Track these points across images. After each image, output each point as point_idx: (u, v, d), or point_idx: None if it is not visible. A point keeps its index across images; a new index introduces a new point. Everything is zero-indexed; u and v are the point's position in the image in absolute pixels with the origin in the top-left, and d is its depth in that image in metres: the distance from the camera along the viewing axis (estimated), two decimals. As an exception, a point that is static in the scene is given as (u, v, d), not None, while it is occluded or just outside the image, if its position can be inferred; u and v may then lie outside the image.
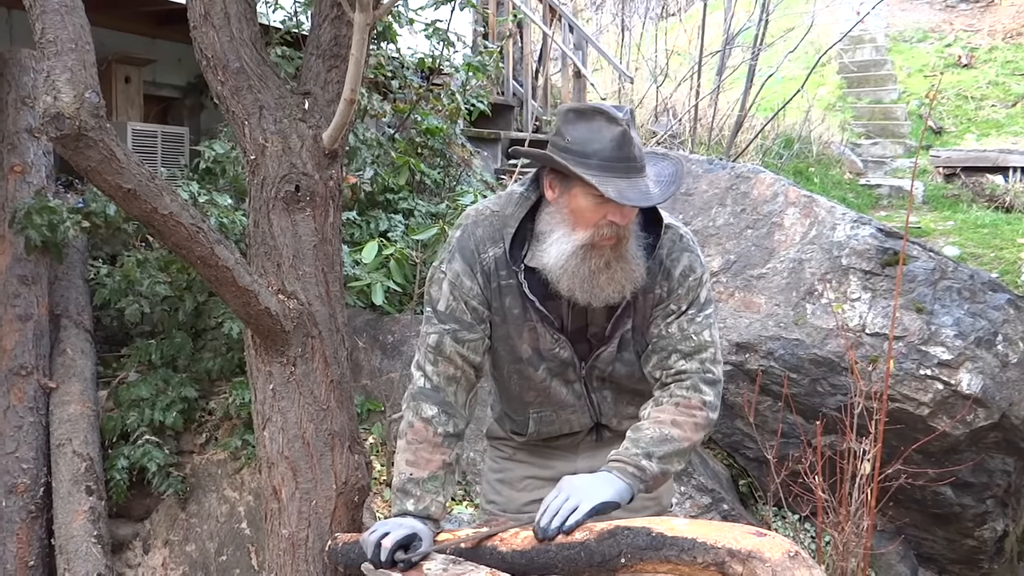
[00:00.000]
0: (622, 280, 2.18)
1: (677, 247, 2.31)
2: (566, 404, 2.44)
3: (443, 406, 2.33)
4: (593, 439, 2.53)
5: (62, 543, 3.90)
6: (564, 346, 2.33)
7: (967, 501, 4.21)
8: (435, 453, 2.33)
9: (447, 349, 2.33)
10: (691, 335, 2.29)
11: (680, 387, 2.27)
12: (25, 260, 4.36)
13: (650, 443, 2.18)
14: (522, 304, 2.29)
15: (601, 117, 2.07)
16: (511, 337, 2.35)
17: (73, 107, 2.11)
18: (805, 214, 4.36)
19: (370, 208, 5.42)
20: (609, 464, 2.17)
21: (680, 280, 2.29)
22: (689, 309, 2.30)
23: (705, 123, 9.58)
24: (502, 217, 2.30)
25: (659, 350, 2.31)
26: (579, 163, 2.06)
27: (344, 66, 2.68)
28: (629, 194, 2.04)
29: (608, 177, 2.04)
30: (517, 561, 2.10)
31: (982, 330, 3.98)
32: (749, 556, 1.72)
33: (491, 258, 2.30)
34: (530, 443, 2.56)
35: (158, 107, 6.47)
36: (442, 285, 2.34)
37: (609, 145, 2.05)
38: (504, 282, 2.30)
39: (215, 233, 2.50)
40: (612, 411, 2.47)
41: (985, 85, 12.72)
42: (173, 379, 4.37)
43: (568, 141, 2.10)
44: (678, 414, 2.24)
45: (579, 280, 2.16)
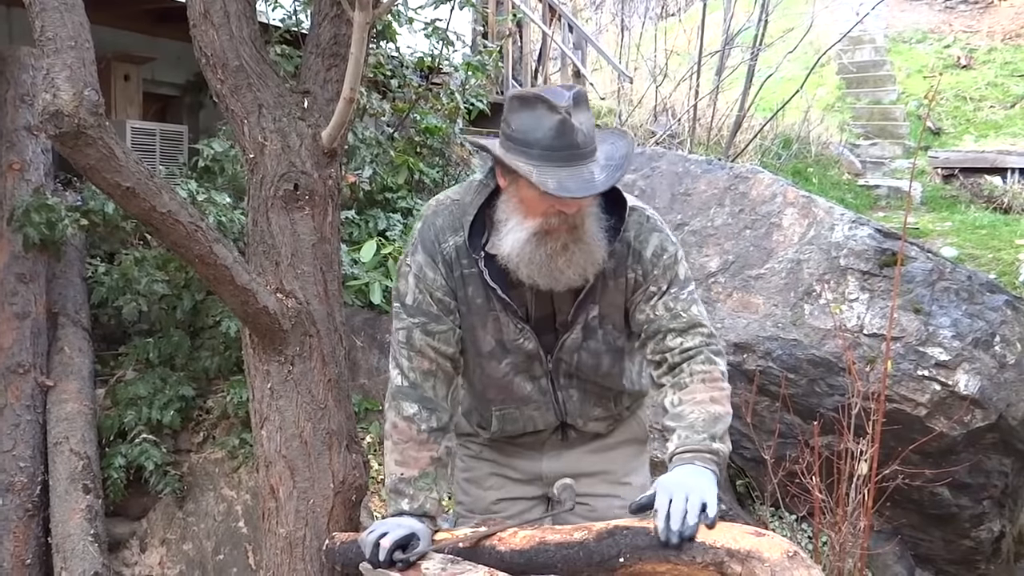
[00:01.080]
0: (582, 262, 2.15)
1: (645, 228, 2.27)
2: (529, 400, 2.41)
3: (423, 402, 2.33)
4: (559, 438, 2.50)
5: (59, 541, 3.89)
6: (528, 336, 2.30)
7: (964, 502, 4.21)
8: (422, 450, 2.32)
9: (418, 343, 2.32)
10: (680, 312, 2.25)
11: (696, 363, 2.21)
12: (23, 258, 4.36)
13: (706, 425, 2.11)
14: (485, 293, 2.27)
15: (542, 105, 2.03)
16: (475, 328, 2.33)
17: (72, 105, 2.11)
18: (803, 215, 4.36)
19: (369, 207, 5.42)
20: (682, 456, 2.08)
21: (653, 261, 2.26)
22: (671, 288, 2.26)
23: (704, 123, 9.58)
24: (461, 205, 2.28)
25: (652, 334, 2.27)
26: (522, 153, 2.03)
27: (343, 65, 2.68)
28: (569, 184, 2.00)
29: (549, 167, 2.01)
30: (516, 561, 2.10)
31: (980, 331, 3.98)
32: (748, 556, 1.72)
33: (451, 247, 2.28)
34: (495, 441, 2.54)
35: (157, 105, 6.47)
36: (408, 278, 2.32)
37: (550, 134, 2.01)
38: (466, 271, 2.28)
39: (213, 231, 2.50)
40: (578, 411, 2.44)
41: (984, 86, 12.73)
42: (171, 378, 4.36)
43: (512, 130, 2.07)
44: (711, 390, 2.19)
45: (537, 266, 2.14)
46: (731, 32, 9.73)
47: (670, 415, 2.18)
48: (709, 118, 9.64)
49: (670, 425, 2.16)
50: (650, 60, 11.06)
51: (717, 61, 9.75)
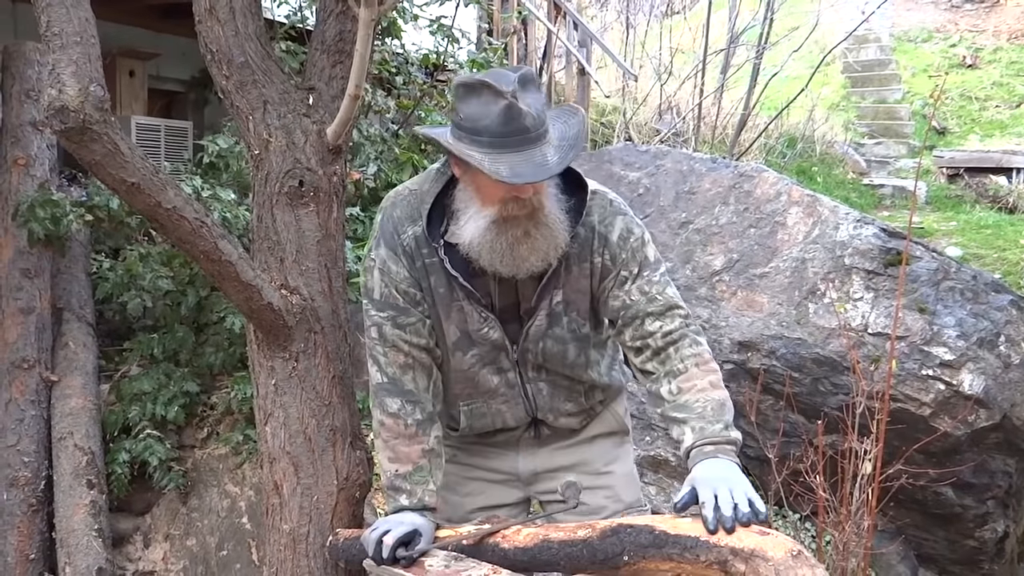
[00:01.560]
0: (544, 247, 2.13)
1: (609, 212, 2.25)
2: (496, 393, 2.38)
3: (405, 396, 2.32)
4: (532, 436, 2.48)
5: (63, 536, 3.90)
6: (493, 326, 2.28)
7: (968, 502, 4.21)
8: (412, 444, 2.32)
9: (390, 337, 2.31)
10: (656, 296, 2.22)
11: (684, 347, 2.19)
12: (28, 253, 4.36)
13: (716, 413, 2.09)
14: (447, 282, 2.25)
15: (487, 91, 1.99)
16: (439, 319, 2.31)
17: (77, 100, 2.11)
18: (808, 213, 4.36)
19: (373, 204, 5.41)
20: (703, 449, 2.04)
21: (620, 244, 2.23)
22: (643, 271, 2.24)
23: (709, 121, 9.57)
24: (419, 195, 2.27)
25: (630, 320, 2.24)
26: (472, 141, 2.01)
27: (348, 62, 2.68)
28: (521, 170, 1.98)
29: (500, 154, 1.98)
30: (519, 558, 2.10)
31: (984, 331, 3.97)
32: (752, 555, 1.72)
33: (411, 237, 2.26)
34: (468, 441, 2.52)
35: (162, 101, 6.47)
36: (373, 273, 2.32)
37: (497, 120, 1.98)
38: (427, 260, 2.26)
39: (218, 228, 2.50)
40: (548, 405, 2.42)
41: (989, 86, 12.71)
42: (175, 373, 4.37)
43: (462, 118, 2.05)
44: (707, 373, 2.17)
45: (498, 254, 2.12)
46: (736, 30, 9.72)
47: (671, 405, 2.15)
48: (714, 116, 9.63)
49: (675, 416, 2.13)
50: (655, 58, 11.05)
51: (722, 59, 9.74)
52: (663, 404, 2.18)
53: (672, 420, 2.14)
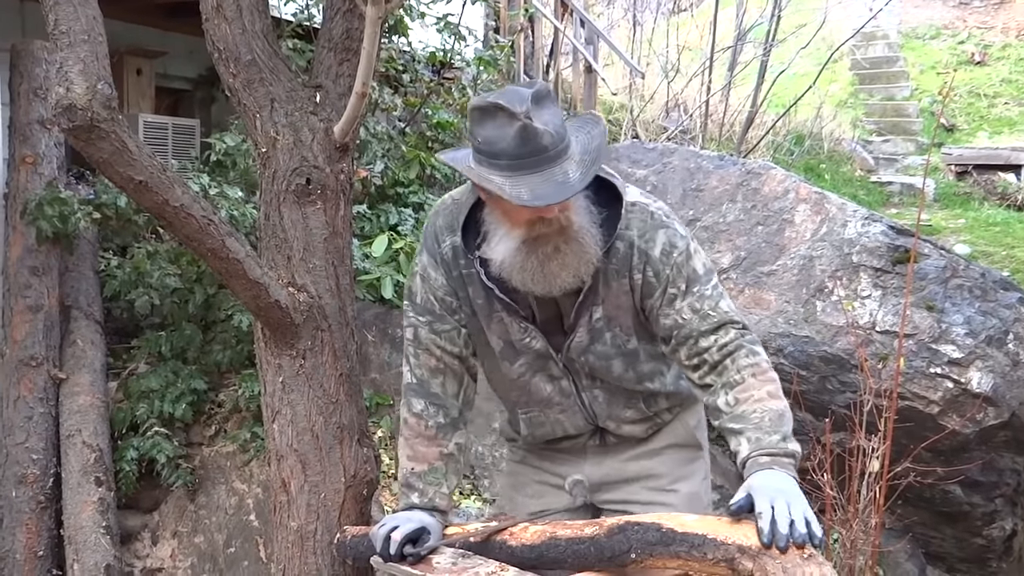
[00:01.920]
0: (574, 263, 2.08)
1: (650, 226, 2.15)
2: (551, 402, 2.35)
3: (430, 398, 2.33)
4: (597, 443, 2.42)
5: (71, 533, 3.91)
6: (535, 336, 2.24)
7: (976, 500, 4.20)
8: (430, 446, 2.33)
9: (424, 341, 2.32)
10: (708, 312, 2.12)
11: (741, 357, 2.09)
12: (36, 251, 4.38)
13: (774, 424, 2.01)
14: (485, 293, 2.23)
15: (501, 113, 1.94)
16: (482, 330, 2.30)
17: (85, 98, 2.12)
18: (816, 211, 4.35)
19: (380, 202, 5.42)
20: (758, 460, 1.95)
21: (663, 260, 2.14)
22: (691, 287, 2.14)
23: (716, 119, 9.56)
24: (459, 205, 2.25)
25: (684, 339, 2.14)
26: (492, 165, 1.97)
27: (356, 59, 2.68)
28: (542, 191, 1.93)
29: (520, 176, 1.94)
30: (526, 555, 2.10)
31: (993, 328, 3.96)
32: (759, 552, 1.71)
33: (448, 247, 2.25)
34: (535, 446, 2.49)
35: (169, 99, 6.48)
36: (416, 278, 2.33)
37: (514, 143, 1.94)
38: (465, 271, 2.25)
39: (226, 226, 2.50)
40: (606, 413, 2.35)
41: (998, 83, 12.67)
42: (183, 371, 4.38)
43: (479, 142, 2.00)
44: (765, 383, 2.08)
45: (530, 273, 2.08)
46: (743, 28, 9.70)
47: (729, 416, 2.07)
48: (721, 114, 9.61)
49: (732, 427, 2.05)
50: (662, 55, 11.03)
51: (729, 57, 9.72)
52: (721, 416, 2.09)
53: (729, 431, 2.06)
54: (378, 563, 2.26)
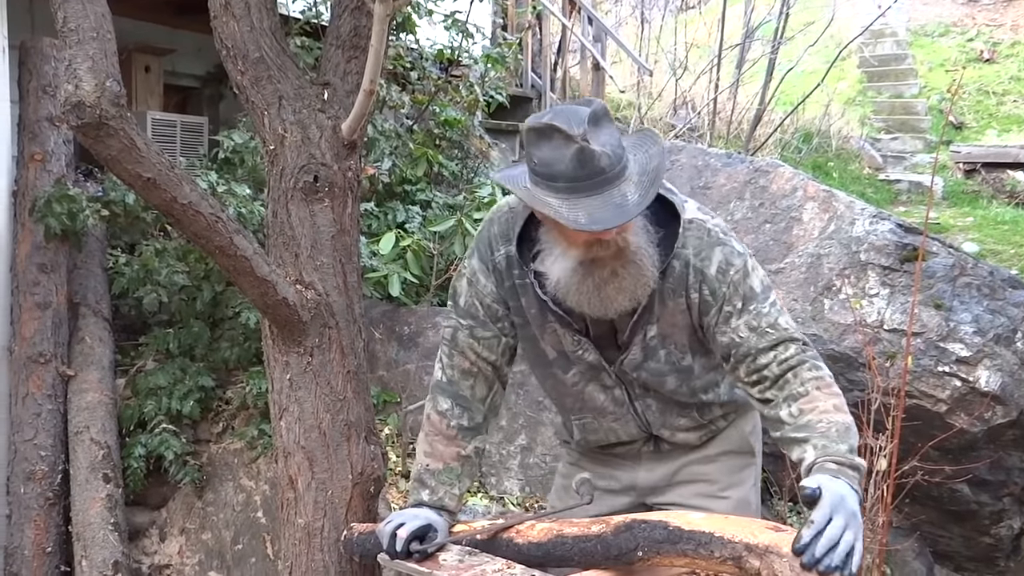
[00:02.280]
0: (631, 286, 2.04)
1: (706, 244, 2.11)
2: (605, 411, 2.33)
3: (457, 400, 2.32)
4: (651, 450, 2.41)
5: (79, 530, 3.93)
6: (588, 348, 2.22)
7: (984, 499, 4.19)
8: (449, 446, 2.33)
9: (461, 343, 2.31)
10: (766, 329, 2.07)
11: (802, 371, 2.04)
12: (44, 248, 4.39)
13: (841, 435, 1.92)
14: (538, 304, 2.20)
15: (558, 135, 1.90)
16: (535, 339, 2.28)
17: (94, 96, 2.12)
18: (824, 209, 4.34)
19: (388, 199, 5.43)
20: (825, 465, 1.86)
21: (719, 278, 2.09)
22: (749, 304, 2.09)
23: (724, 117, 9.55)
24: (515, 214, 2.22)
25: (742, 357, 2.09)
26: (548, 187, 1.93)
27: (363, 57, 2.68)
28: (600, 215, 1.88)
29: (580, 198, 1.90)
30: (533, 553, 2.10)
31: (1001, 327, 3.95)
32: (767, 551, 1.71)
33: (503, 256, 2.23)
34: (589, 450, 2.48)
35: (178, 97, 6.49)
36: (463, 280, 2.32)
37: (571, 165, 1.90)
38: (518, 281, 2.22)
39: (234, 223, 2.51)
40: (660, 421, 2.34)
41: (1007, 80, 12.63)
42: (190, 368, 4.39)
43: (536, 163, 1.96)
44: (831, 397, 2.01)
45: (586, 295, 2.05)
46: (751, 25, 9.69)
47: (792, 427, 1.99)
48: (729, 112, 9.60)
49: (796, 436, 1.98)
50: (670, 53, 11.03)
51: (737, 54, 9.71)
52: (782, 427, 2.02)
53: (792, 441, 1.99)
54: (385, 560, 2.26)
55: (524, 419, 4.27)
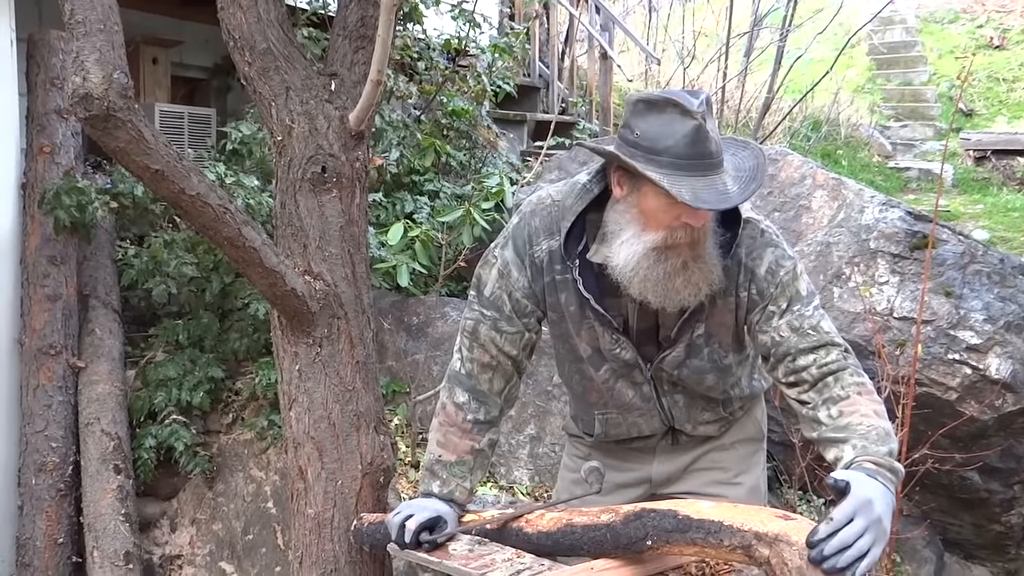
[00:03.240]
0: (699, 282, 2.02)
1: (758, 244, 2.12)
2: (632, 407, 2.32)
3: (474, 393, 2.30)
4: (668, 443, 2.41)
5: (90, 521, 3.94)
6: (626, 347, 2.21)
7: (994, 487, 4.18)
8: (464, 438, 2.31)
9: (482, 336, 2.28)
10: (808, 331, 2.07)
11: (843, 376, 2.03)
12: (54, 240, 4.40)
13: (880, 439, 1.89)
14: (579, 301, 2.18)
15: (674, 109, 1.88)
16: (570, 335, 2.26)
17: (101, 88, 2.12)
18: (833, 197, 4.33)
19: (396, 190, 5.43)
20: (863, 464, 1.83)
21: (768, 279, 2.10)
22: (793, 306, 2.09)
23: (732, 105, 9.51)
24: (562, 208, 2.17)
25: (782, 357, 2.09)
26: (649, 161, 1.89)
27: (371, 47, 2.68)
28: (705, 196, 1.87)
29: (682, 176, 1.87)
30: (543, 542, 2.11)
31: (1012, 314, 3.94)
32: (776, 539, 1.71)
33: (544, 251, 2.19)
34: (603, 444, 2.47)
35: (185, 88, 6.50)
36: (492, 270, 2.27)
37: (683, 141, 1.87)
38: (559, 277, 2.19)
39: (242, 214, 2.51)
40: (685, 416, 2.34)
41: (1017, 67, 12.55)
42: (200, 359, 4.40)
43: (637, 136, 1.92)
44: (872, 403, 1.99)
45: (652, 283, 2.01)
46: (760, 13, 9.65)
47: (830, 427, 1.98)
48: (737, 100, 9.57)
49: (834, 436, 1.96)
50: (678, 41, 10.99)
51: (745, 42, 9.67)
52: (820, 427, 2.01)
53: (829, 441, 1.97)
54: (395, 550, 2.27)
55: (533, 408, 4.27)
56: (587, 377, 2.32)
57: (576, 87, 8.99)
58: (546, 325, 2.34)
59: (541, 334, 2.36)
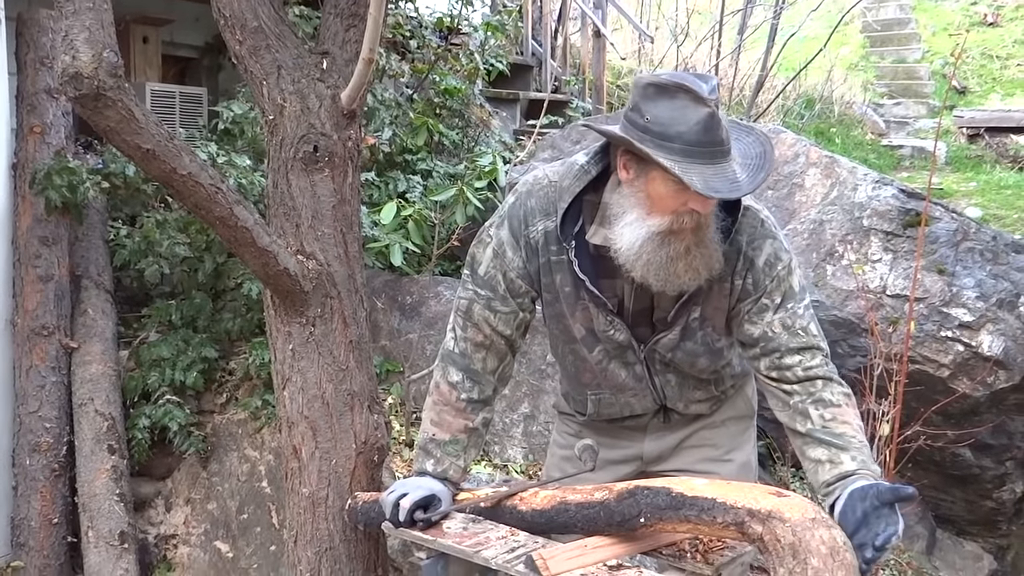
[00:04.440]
0: (700, 267, 2.03)
1: (759, 234, 2.13)
2: (625, 387, 2.33)
3: (468, 372, 2.30)
4: (660, 421, 2.42)
5: (85, 501, 3.95)
6: (620, 328, 2.21)
7: (986, 463, 4.20)
8: (457, 417, 2.31)
9: (476, 316, 2.28)
10: (799, 331, 2.10)
11: (832, 385, 2.09)
12: (45, 221, 4.39)
13: (871, 458, 1.99)
14: (573, 282, 2.18)
15: (686, 96, 1.87)
16: (564, 316, 2.25)
17: (91, 67, 2.11)
18: (826, 175, 4.32)
19: (388, 169, 5.41)
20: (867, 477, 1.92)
21: (766, 271, 2.12)
22: (786, 302, 2.12)
23: (726, 83, 9.49)
24: (558, 189, 2.16)
25: (768, 352, 2.13)
26: (660, 147, 1.88)
27: (362, 25, 2.66)
28: (715, 184, 1.86)
29: (692, 164, 1.86)
30: (536, 520, 2.11)
31: (1004, 292, 3.95)
32: (769, 516, 1.72)
33: (540, 232, 2.19)
34: (595, 423, 2.47)
35: (176, 67, 6.46)
36: (486, 250, 2.27)
37: (695, 128, 1.87)
38: (554, 258, 2.19)
39: (234, 194, 2.50)
40: (677, 395, 2.35)
41: (1011, 44, 12.53)
42: (193, 339, 4.40)
43: (647, 120, 1.91)
44: (855, 417, 2.06)
45: (654, 267, 2.01)
46: (753, -10, 9.61)
47: (825, 430, 2.03)
48: (731, 78, 9.55)
49: (829, 440, 2.02)
50: (671, 19, 10.95)
51: (739, 20, 9.64)
52: (807, 423, 2.07)
53: (821, 442, 2.03)
54: (389, 529, 2.27)
55: (527, 387, 4.28)
56: (580, 358, 2.32)
57: (569, 65, 8.96)
58: (540, 305, 2.34)
59: (535, 314, 2.36)
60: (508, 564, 1.96)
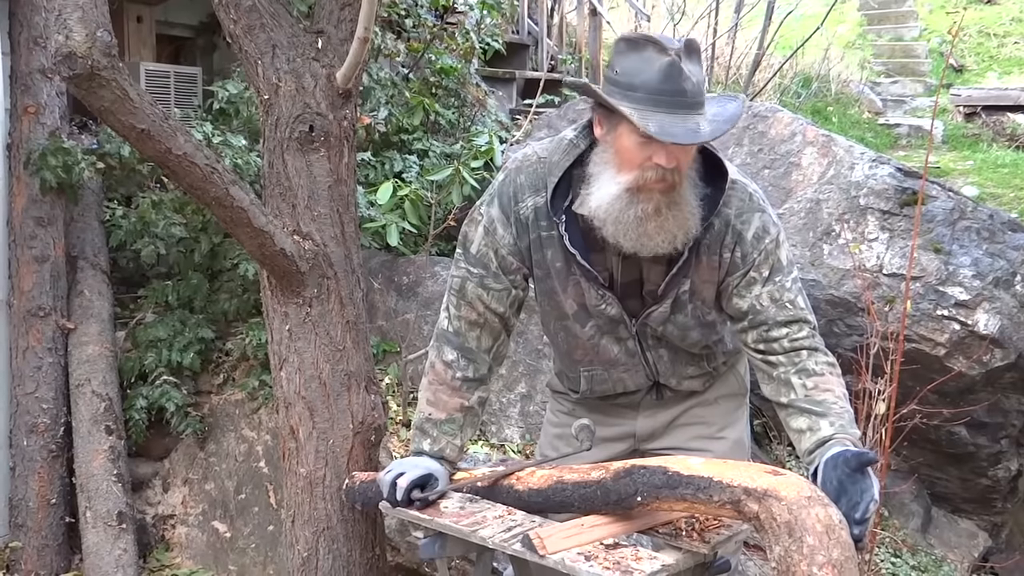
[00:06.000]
0: (673, 228, 2.03)
1: (747, 207, 2.15)
2: (617, 363, 2.34)
3: (463, 351, 2.31)
4: (653, 398, 2.44)
5: (83, 482, 3.96)
6: (611, 303, 2.22)
7: (982, 441, 4.22)
8: (453, 396, 2.32)
9: (469, 294, 2.28)
10: (787, 304, 2.13)
11: (817, 355, 2.11)
12: (41, 202, 4.37)
13: (851, 423, 2.02)
14: (564, 257, 2.19)
15: (652, 47, 1.92)
16: (555, 292, 2.26)
17: (85, 46, 2.10)
18: (823, 154, 4.32)
19: (384, 149, 5.39)
20: (844, 442, 1.95)
21: (754, 244, 2.13)
22: (774, 275, 2.14)
23: (722, 62, 9.47)
24: (548, 164, 2.18)
25: (756, 325, 2.15)
26: (624, 96, 1.92)
27: (357, 4, 2.65)
28: (672, 130, 1.88)
29: (652, 111, 1.89)
30: (533, 499, 2.12)
31: (1000, 270, 3.95)
32: (765, 494, 1.72)
33: (530, 208, 2.20)
34: (588, 400, 2.48)
35: (170, 47, 6.42)
36: (478, 228, 2.27)
37: (656, 76, 1.90)
38: (545, 233, 2.19)
39: (230, 174, 2.50)
40: (670, 371, 2.36)
41: (1008, 22, 12.50)
42: (190, 320, 4.39)
43: (617, 73, 1.96)
44: (839, 385, 2.09)
45: (624, 226, 2.02)
46: (750, -32, 9.57)
47: (806, 399, 2.06)
48: (728, 57, 9.52)
49: (809, 408, 2.04)
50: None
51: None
52: (791, 394, 2.09)
53: (803, 411, 2.05)
54: (386, 508, 2.28)
55: (524, 367, 4.28)
56: (572, 334, 2.33)
57: (565, 44, 8.93)
58: (532, 283, 2.34)
59: (528, 291, 2.36)
60: (505, 543, 1.97)
